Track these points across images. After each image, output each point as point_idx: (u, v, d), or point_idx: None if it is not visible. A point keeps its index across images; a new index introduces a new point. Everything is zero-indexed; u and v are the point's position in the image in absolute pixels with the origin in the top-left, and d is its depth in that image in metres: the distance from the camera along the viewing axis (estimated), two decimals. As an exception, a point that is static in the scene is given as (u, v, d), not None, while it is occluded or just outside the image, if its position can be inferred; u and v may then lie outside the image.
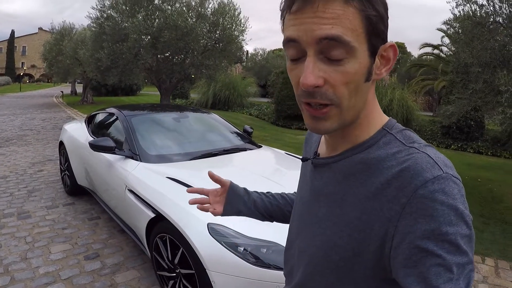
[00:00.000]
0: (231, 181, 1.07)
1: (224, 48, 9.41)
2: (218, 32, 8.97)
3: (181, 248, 2.31)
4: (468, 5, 4.69)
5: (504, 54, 4.34)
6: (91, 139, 4.09)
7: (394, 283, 0.63)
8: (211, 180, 1.06)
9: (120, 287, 2.87)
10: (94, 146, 3.22)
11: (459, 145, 10.40)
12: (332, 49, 0.58)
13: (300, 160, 0.92)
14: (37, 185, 5.15)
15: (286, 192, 1.12)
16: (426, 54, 18.21)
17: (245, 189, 1.09)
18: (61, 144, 4.90)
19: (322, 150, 0.82)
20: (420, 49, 18.22)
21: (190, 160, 3.25)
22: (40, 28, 68.67)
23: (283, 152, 3.95)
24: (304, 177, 0.87)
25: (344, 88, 0.61)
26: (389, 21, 0.65)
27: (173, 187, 2.66)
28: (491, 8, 4.52)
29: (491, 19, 4.56)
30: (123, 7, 8.34)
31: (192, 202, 1.06)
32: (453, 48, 15.17)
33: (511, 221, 4.43)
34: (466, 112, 7.68)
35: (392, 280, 0.63)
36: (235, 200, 1.05)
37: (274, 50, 33.27)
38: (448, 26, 6.89)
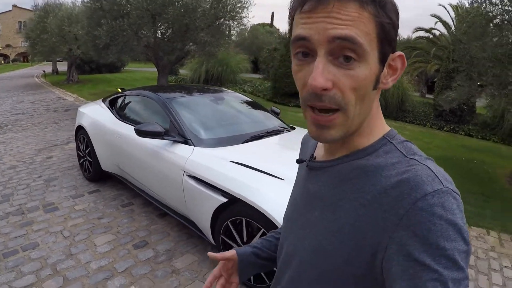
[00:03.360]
0: (236, 252, 0.99)
1: (229, 25, 9.28)
2: (220, 8, 8.70)
3: (262, 229, 2.36)
4: (483, 4, 4.99)
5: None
6: (121, 123, 3.95)
7: None
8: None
9: (183, 272, 2.83)
10: (141, 132, 3.09)
11: (451, 127, 10.84)
12: (344, 51, 0.57)
13: None
14: (52, 173, 4.92)
15: None
16: (421, 38, 18.44)
17: (253, 251, 1.01)
18: (80, 129, 4.67)
19: (319, 153, 0.80)
20: (413, 32, 18.54)
21: (243, 143, 3.19)
22: (14, 5, 63.19)
23: None
24: (298, 180, 0.86)
25: (352, 93, 0.60)
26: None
27: (243, 172, 2.63)
28: (501, 7, 4.80)
29: (501, 18, 4.89)
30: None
31: None
32: (446, 34, 15.59)
33: (508, 200, 4.95)
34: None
35: None
36: (248, 269, 1.01)
37: (259, 24, 32.46)
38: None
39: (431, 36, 17.50)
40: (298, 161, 0.87)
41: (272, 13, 36.69)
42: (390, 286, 0.58)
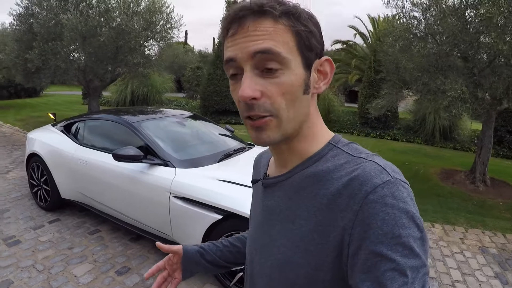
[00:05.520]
0: (183, 247, 1.05)
1: (160, 46, 9.34)
2: (150, 29, 8.74)
3: None
4: (408, 19, 5.64)
5: (439, 62, 5.28)
6: (85, 149, 3.87)
7: None
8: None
9: (176, 294, 2.84)
10: (119, 156, 3.09)
11: (377, 133, 11.71)
12: (266, 62, 0.62)
13: None
14: (1, 205, 4.57)
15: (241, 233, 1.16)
16: (341, 50, 19.35)
17: (199, 250, 1.06)
18: (33, 156, 4.44)
19: (271, 171, 0.83)
20: (332, 45, 19.51)
21: (218, 162, 3.35)
22: None
23: None
24: (256, 200, 0.87)
25: (281, 99, 0.63)
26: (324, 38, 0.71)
27: (233, 188, 2.80)
28: (424, 21, 5.44)
29: (424, 32, 5.50)
30: (50, 2, 7.64)
31: (156, 287, 1.03)
32: (364, 45, 16.84)
33: (443, 195, 5.60)
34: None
35: None
36: (191, 266, 1.05)
37: (176, 42, 32.52)
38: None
39: (345, 45, 18.55)
40: (252, 182, 0.89)
41: (186, 31, 36.71)
42: (352, 281, 0.59)
